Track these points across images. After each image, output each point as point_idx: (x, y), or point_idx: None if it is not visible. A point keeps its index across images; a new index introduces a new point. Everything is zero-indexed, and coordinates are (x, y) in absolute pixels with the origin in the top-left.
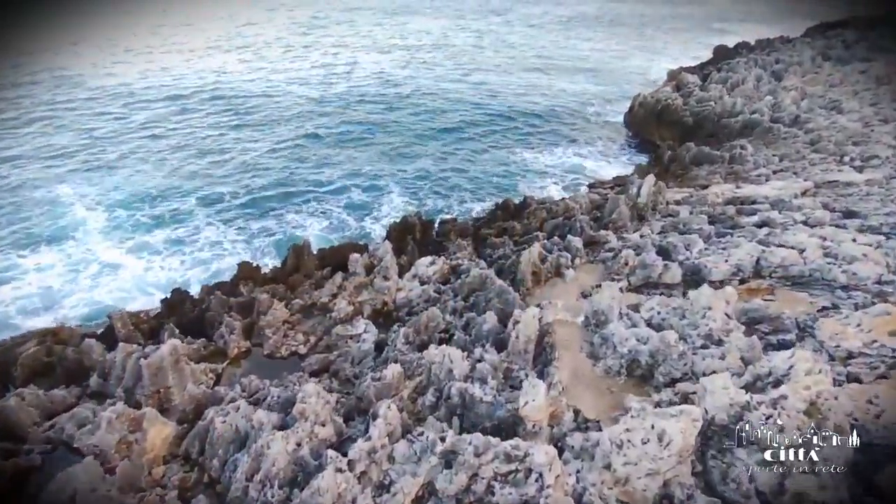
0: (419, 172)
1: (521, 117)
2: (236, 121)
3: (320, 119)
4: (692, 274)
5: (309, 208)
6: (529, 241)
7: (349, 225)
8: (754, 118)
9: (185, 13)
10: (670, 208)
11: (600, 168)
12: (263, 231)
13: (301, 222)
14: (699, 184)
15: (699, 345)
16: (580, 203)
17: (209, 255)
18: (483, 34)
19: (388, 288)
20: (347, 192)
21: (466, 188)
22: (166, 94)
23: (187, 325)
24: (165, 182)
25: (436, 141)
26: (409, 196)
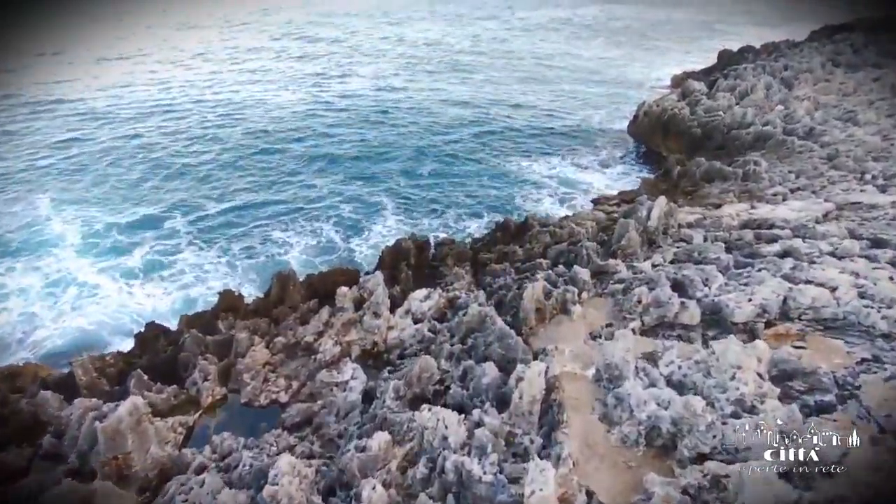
0: (413, 184)
1: (520, 125)
2: (225, 130)
3: (312, 128)
4: (712, 313)
5: (296, 226)
6: (532, 268)
7: (339, 246)
8: (766, 130)
9: (182, 14)
10: (682, 232)
11: (602, 180)
12: (247, 252)
13: (288, 241)
14: (711, 202)
15: (729, 412)
16: (586, 227)
17: (190, 277)
18: (481, 40)
19: (378, 327)
20: (338, 207)
21: (463, 202)
22: (153, 103)
23: (160, 365)
24: (147, 196)
25: (431, 150)
26: (402, 212)
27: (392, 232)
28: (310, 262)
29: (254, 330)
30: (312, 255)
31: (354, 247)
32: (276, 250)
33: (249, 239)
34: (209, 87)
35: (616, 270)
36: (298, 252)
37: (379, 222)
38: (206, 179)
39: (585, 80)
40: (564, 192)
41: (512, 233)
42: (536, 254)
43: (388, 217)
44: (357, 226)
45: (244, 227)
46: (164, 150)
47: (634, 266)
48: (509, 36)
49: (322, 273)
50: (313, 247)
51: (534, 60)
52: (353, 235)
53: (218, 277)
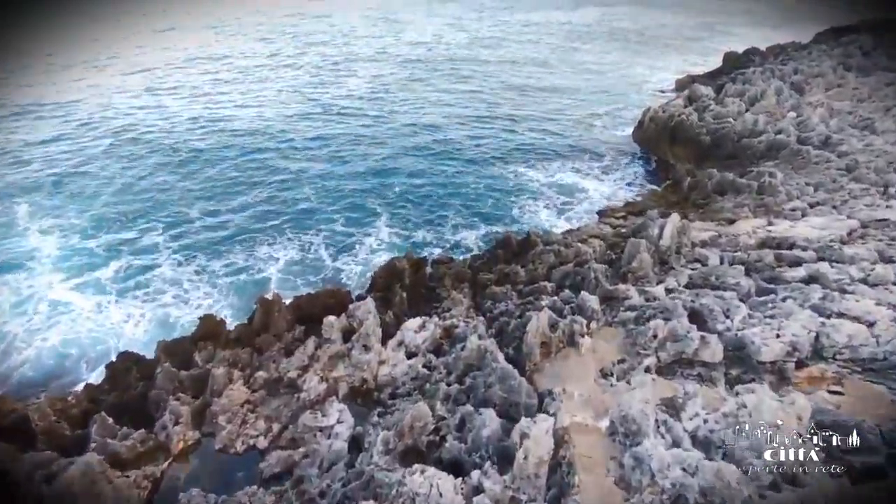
0: (408, 193)
1: (518, 129)
2: (213, 137)
3: (305, 134)
4: (735, 349)
5: (284, 239)
6: (535, 292)
7: (327, 263)
8: (780, 139)
9: (175, 16)
10: (697, 252)
11: (605, 189)
12: (230, 268)
13: (274, 256)
14: (725, 217)
15: (767, 482)
16: (593, 247)
17: (169, 297)
18: (479, 42)
19: (368, 362)
20: (329, 217)
21: (459, 212)
22: (141, 107)
23: (130, 402)
24: (129, 205)
25: (427, 156)
26: (396, 223)
27: (384, 245)
28: (297, 279)
29: (233, 362)
30: (300, 272)
31: (345, 262)
32: (260, 266)
33: (233, 254)
34: (198, 91)
35: (627, 296)
36: (285, 268)
37: (372, 233)
38: (191, 188)
39: (585, 83)
40: (564, 201)
41: (514, 250)
42: (540, 275)
43: (381, 228)
44: (348, 238)
45: (229, 240)
46: (150, 157)
47: (646, 291)
48: (508, 38)
49: (310, 295)
50: (301, 262)
51: (532, 62)
52: (343, 249)
53: (198, 296)
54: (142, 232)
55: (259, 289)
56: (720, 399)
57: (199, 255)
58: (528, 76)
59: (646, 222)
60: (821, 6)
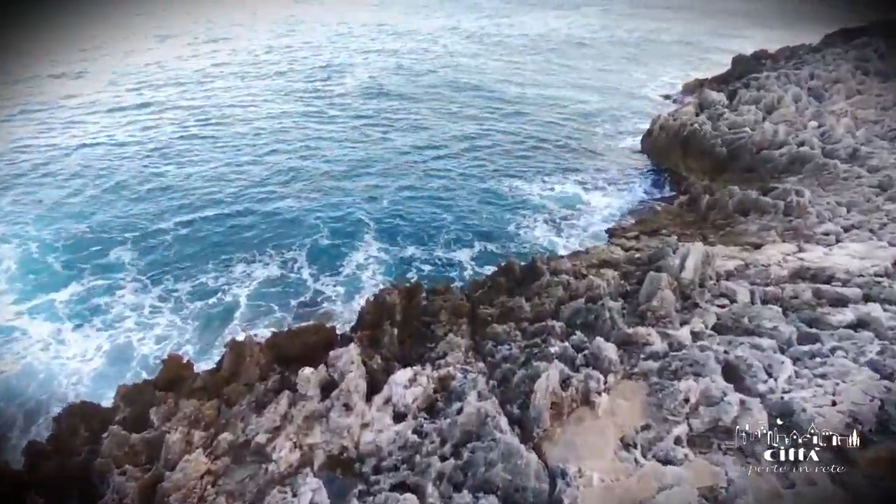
0: (397, 205)
1: (516, 137)
2: (196, 143)
3: (294, 139)
4: (781, 416)
5: (264, 257)
6: (542, 332)
7: (309, 285)
8: (803, 151)
9: (166, 15)
10: (723, 285)
11: (610, 203)
12: (200, 292)
13: (251, 276)
14: (749, 241)
15: None
16: (607, 279)
17: (131, 323)
18: (477, 43)
19: (349, 427)
20: (314, 231)
21: (452, 227)
22: (123, 108)
23: (72, 471)
24: (98, 216)
25: (419, 163)
26: (385, 239)
27: (372, 261)
28: (274, 304)
29: (195, 419)
30: (278, 295)
31: (328, 283)
32: (234, 289)
33: (205, 273)
34: (184, 94)
35: (647, 341)
36: (261, 290)
37: (360, 249)
38: (167, 199)
39: (584, 88)
40: (565, 216)
41: (517, 278)
42: (547, 312)
43: (370, 244)
44: (334, 256)
45: (202, 256)
46: (128, 163)
47: (669, 334)
48: (506, 40)
49: (290, 332)
50: (280, 282)
51: (531, 65)
52: (327, 268)
53: (163, 324)
54: (107, 246)
55: (230, 315)
56: (775, 494)
57: (168, 274)
58: (527, 79)
59: (663, 250)
60: (821, 7)
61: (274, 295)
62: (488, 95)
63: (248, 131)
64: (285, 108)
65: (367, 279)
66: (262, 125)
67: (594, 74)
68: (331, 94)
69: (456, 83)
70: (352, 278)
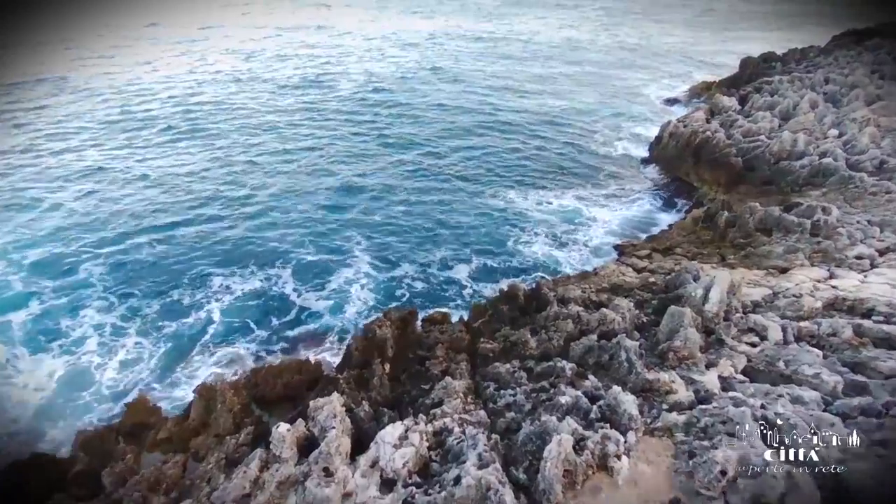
0: (391, 217)
1: (514, 144)
2: (181, 146)
3: (276, 142)
4: (833, 491)
5: (245, 272)
6: (550, 373)
7: (293, 302)
8: (826, 163)
9: (155, 14)
10: (751, 319)
11: (615, 217)
12: (172, 312)
13: (231, 291)
14: (774, 264)
15: None
16: (622, 313)
17: (93, 346)
18: (473, 46)
19: (327, 499)
20: (297, 245)
21: (448, 241)
22: (106, 110)
23: None
24: (72, 224)
25: (412, 174)
26: (376, 253)
27: (362, 278)
28: (255, 324)
29: (155, 482)
30: (259, 315)
31: (315, 300)
32: (210, 307)
33: (179, 290)
34: (170, 92)
35: (670, 388)
36: (240, 308)
37: (352, 264)
38: (144, 209)
39: (586, 91)
40: (568, 229)
41: (521, 305)
42: (555, 349)
43: (360, 259)
44: (322, 272)
45: (179, 272)
46: (108, 167)
47: (695, 380)
48: (506, 42)
49: (270, 369)
50: (262, 300)
51: (529, 72)
52: (314, 284)
53: (128, 349)
54: (79, 261)
55: (202, 335)
56: None
57: (139, 291)
58: (524, 87)
59: (682, 276)
60: (821, 8)
61: (255, 313)
62: (484, 102)
63: (233, 140)
64: (272, 117)
65: (356, 298)
66: (248, 133)
67: (594, 78)
68: (321, 102)
69: (450, 88)
70: (340, 297)
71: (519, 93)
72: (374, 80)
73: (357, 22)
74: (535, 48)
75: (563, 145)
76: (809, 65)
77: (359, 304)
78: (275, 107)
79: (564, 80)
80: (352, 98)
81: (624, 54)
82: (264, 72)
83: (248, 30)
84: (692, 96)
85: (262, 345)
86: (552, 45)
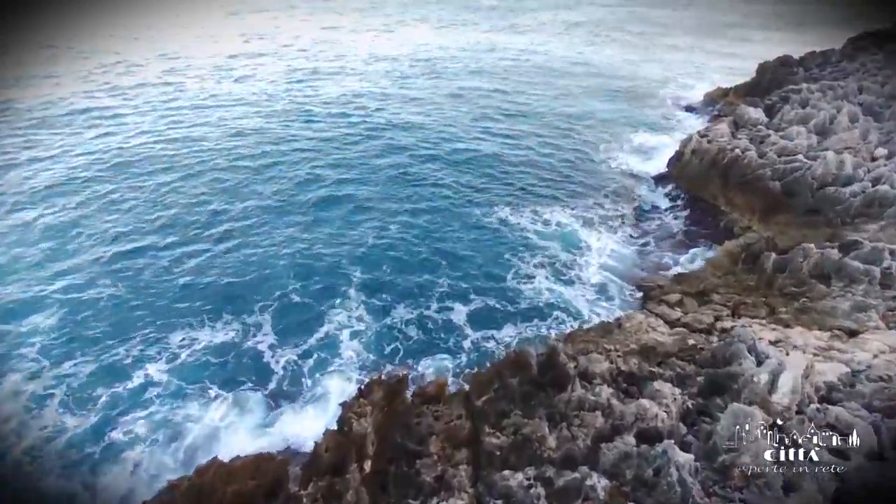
0: (383, 242)
1: (514, 159)
2: (148, 165)
3: (255, 160)
4: None
5: (218, 322)
6: (574, 491)
7: (268, 363)
8: (882, 191)
9: (142, 16)
10: (832, 414)
11: (634, 247)
12: (113, 378)
13: (195, 345)
14: (840, 325)
15: None
16: (668, 405)
17: (12, 426)
18: (470, 51)
19: None
20: (281, 283)
21: (444, 275)
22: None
23: None
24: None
25: (406, 194)
26: (369, 294)
27: (352, 323)
28: (221, 389)
29: None
30: (225, 378)
31: (294, 361)
32: (157, 369)
33: (128, 344)
34: (143, 107)
35: None
36: (202, 368)
37: (341, 307)
38: (101, 237)
39: (591, 96)
40: (571, 259)
41: (532, 377)
42: (580, 453)
43: (352, 299)
44: (307, 319)
45: (130, 318)
46: (61, 188)
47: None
48: (505, 45)
49: (220, 468)
50: (233, 357)
51: (530, 74)
52: (297, 337)
53: (47, 428)
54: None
55: (138, 409)
56: None
57: (78, 342)
58: (523, 94)
59: (734, 347)
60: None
61: (222, 375)
62: (479, 112)
63: (207, 159)
64: (250, 134)
65: (345, 352)
66: (224, 148)
67: (599, 82)
68: (312, 111)
69: (444, 96)
70: (326, 351)
71: (520, 99)
72: (362, 93)
73: (343, 33)
74: (536, 51)
75: (567, 157)
76: (834, 70)
77: (347, 361)
78: (254, 129)
79: (567, 82)
80: (340, 113)
81: (629, 57)
82: (244, 82)
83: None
84: (707, 103)
85: (221, 422)
86: (552, 48)
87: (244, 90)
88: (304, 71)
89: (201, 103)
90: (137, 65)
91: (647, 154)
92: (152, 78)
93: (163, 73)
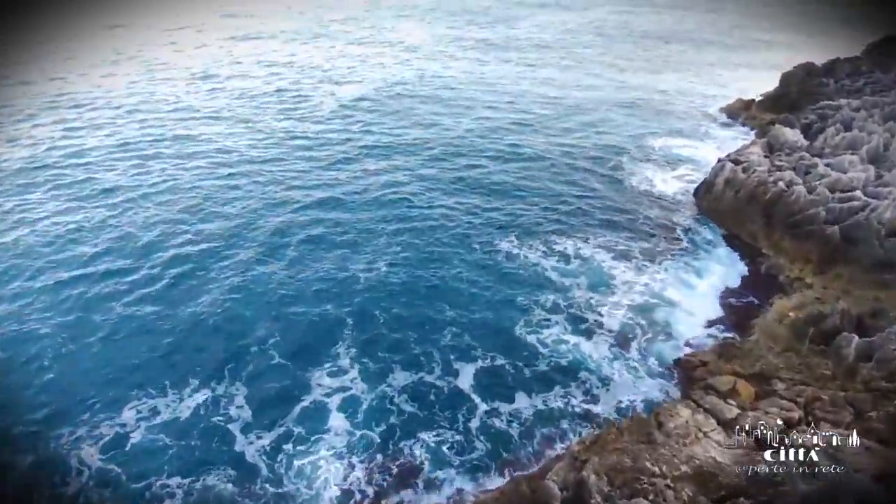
0: (378, 299)
1: (518, 182)
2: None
3: (236, 185)
4: None
5: (180, 386)
6: None
7: (235, 452)
8: None
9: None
10: None
11: (661, 293)
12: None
13: (149, 423)
14: None
15: None
16: None
17: None
18: (475, 54)
19: None
20: (260, 339)
21: (448, 329)
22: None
23: None
24: None
25: (403, 226)
26: (364, 354)
27: (340, 394)
28: (176, 490)
29: None
30: (186, 465)
31: (268, 449)
32: (100, 458)
33: (65, 418)
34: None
35: None
36: (159, 454)
37: (328, 372)
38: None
39: (603, 110)
40: (590, 303)
41: None
42: None
43: (341, 361)
44: (288, 389)
45: (74, 391)
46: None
47: None
48: (506, 48)
49: None
50: (196, 441)
51: (531, 90)
52: (275, 413)
53: None
54: None
55: None
56: None
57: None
58: (527, 112)
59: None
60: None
61: (180, 463)
62: (483, 126)
63: (180, 182)
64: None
65: (332, 437)
66: (203, 168)
67: (610, 92)
68: (304, 130)
69: (446, 109)
70: (308, 434)
71: (528, 116)
72: (355, 105)
73: (346, 38)
74: (538, 58)
75: (580, 179)
76: (869, 82)
77: (336, 444)
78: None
79: (575, 93)
80: (339, 134)
81: (635, 64)
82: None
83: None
84: (731, 116)
85: None
86: (559, 55)
87: (219, 104)
88: (289, 80)
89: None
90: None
91: (666, 174)
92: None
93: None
